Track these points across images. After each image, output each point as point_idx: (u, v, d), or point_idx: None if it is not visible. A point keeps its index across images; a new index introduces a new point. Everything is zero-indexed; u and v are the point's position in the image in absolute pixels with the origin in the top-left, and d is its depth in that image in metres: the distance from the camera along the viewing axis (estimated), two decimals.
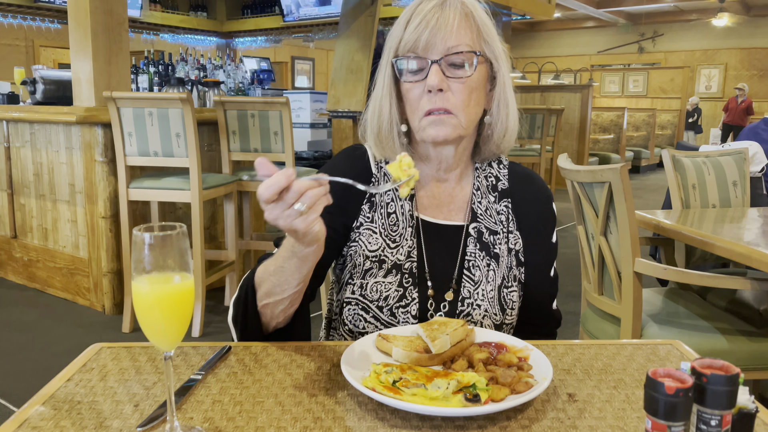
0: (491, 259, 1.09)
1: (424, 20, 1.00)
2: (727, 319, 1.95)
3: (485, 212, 1.11)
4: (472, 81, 1.02)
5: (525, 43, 17.81)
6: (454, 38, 1.00)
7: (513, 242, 1.11)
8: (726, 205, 2.56)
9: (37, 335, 3.13)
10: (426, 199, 1.12)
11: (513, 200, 1.13)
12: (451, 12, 1.01)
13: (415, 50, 1.01)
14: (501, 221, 1.11)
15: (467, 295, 1.07)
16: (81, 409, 0.77)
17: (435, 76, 0.99)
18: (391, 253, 1.07)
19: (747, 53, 14.95)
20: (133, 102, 2.95)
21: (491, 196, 1.13)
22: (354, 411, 0.77)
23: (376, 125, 1.08)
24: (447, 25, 1.00)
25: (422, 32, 1.00)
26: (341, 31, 4.87)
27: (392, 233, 1.08)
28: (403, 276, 1.06)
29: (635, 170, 11.52)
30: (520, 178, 1.16)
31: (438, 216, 1.11)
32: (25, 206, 3.86)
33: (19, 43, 9.04)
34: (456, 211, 1.12)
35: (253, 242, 3.77)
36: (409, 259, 1.07)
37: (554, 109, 6.25)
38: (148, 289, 0.69)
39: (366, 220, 1.09)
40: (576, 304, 3.77)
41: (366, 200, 1.09)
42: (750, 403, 0.62)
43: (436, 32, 0.99)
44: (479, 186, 1.13)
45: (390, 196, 1.09)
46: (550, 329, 1.21)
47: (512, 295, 1.10)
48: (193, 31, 7.81)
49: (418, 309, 1.05)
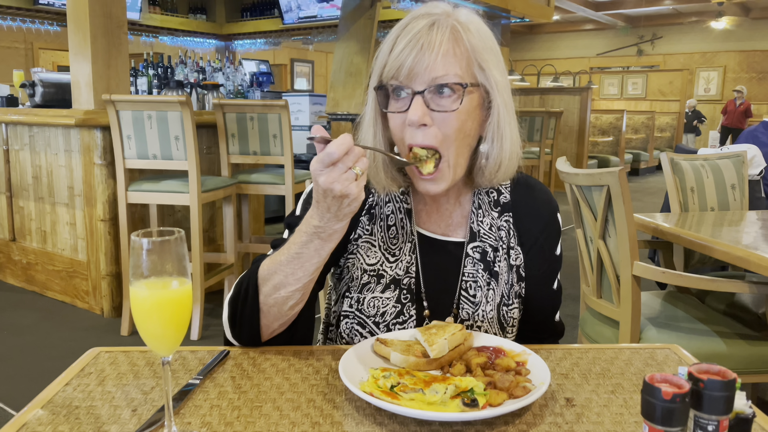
0: (491, 277, 1.05)
1: (410, 43, 0.91)
2: (726, 323, 1.95)
3: (487, 230, 1.07)
4: (461, 113, 0.93)
5: (524, 45, 17.84)
6: (441, 67, 0.91)
7: (514, 258, 1.07)
8: (724, 208, 2.56)
9: (35, 338, 3.12)
10: (425, 213, 1.08)
11: (515, 214, 1.08)
12: (439, 35, 0.91)
13: (398, 78, 0.93)
14: (501, 237, 1.06)
15: (466, 317, 1.04)
16: (79, 414, 0.77)
17: (416, 111, 0.91)
18: (390, 267, 1.04)
19: (746, 56, 14.98)
20: (132, 105, 2.95)
21: (494, 212, 1.08)
22: (352, 416, 0.77)
23: (374, 157, 1.01)
24: (432, 51, 0.90)
25: (406, 58, 0.91)
26: (340, 33, 4.88)
27: (391, 246, 1.05)
28: (401, 292, 1.03)
29: (634, 173, 11.53)
30: (524, 189, 1.10)
31: (438, 230, 1.07)
32: (23, 209, 3.86)
33: (19, 46, 9.04)
34: (455, 226, 1.08)
35: (252, 245, 3.76)
36: (407, 275, 1.04)
37: (553, 111, 6.26)
38: (146, 294, 0.69)
39: (365, 233, 1.05)
40: (575, 307, 3.77)
41: (365, 212, 1.06)
42: (747, 408, 0.62)
43: (420, 58, 0.91)
44: (480, 204, 1.08)
45: (390, 209, 1.06)
46: (551, 341, 1.17)
47: (513, 312, 1.06)
48: (192, 34, 7.81)
49: (415, 326, 1.03)
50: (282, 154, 3.44)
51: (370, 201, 1.07)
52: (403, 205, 1.06)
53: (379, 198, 1.07)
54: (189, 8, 7.73)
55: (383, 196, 1.07)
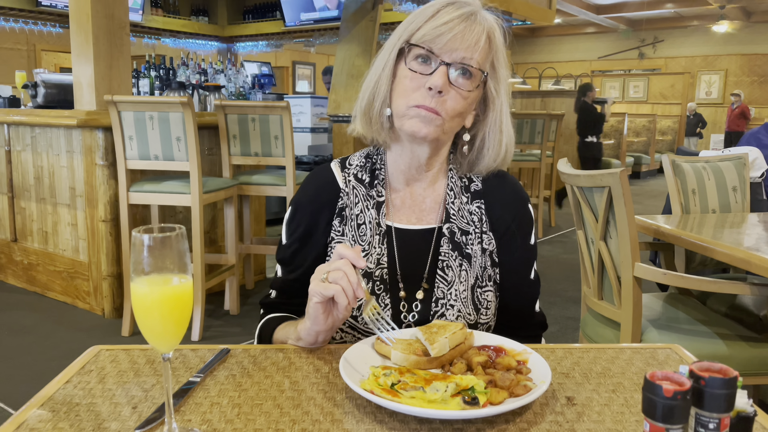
0: (463, 259, 1.09)
1: (450, 23, 1.00)
2: (727, 325, 1.95)
3: (458, 212, 1.12)
4: (470, 96, 1.04)
5: (525, 48, 17.85)
6: (473, 52, 1.01)
7: (487, 243, 1.12)
8: (726, 210, 2.56)
9: (36, 339, 3.12)
10: (398, 201, 1.14)
11: (486, 201, 1.14)
12: (479, 28, 1.02)
13: (431, 46, 1.01)
14: (473, 221, 1.12)
15: (441, 295, 1.08)
16: (79, 411, 0.77)
17: (440, 78, 1.00)
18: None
19: (747, 59, 14.97)
20: (133, 106, 2.96)
21: (464, 197, 1.14)
22: (352, 414, 0.77)
23: (368, 102, 1.09)
24: (472, 37, 1.01)
25: (445, 33, 1.00)
26: (342, 35, 4.89)
27: (361, 242, 1.09)
28: (374, 283, 1.08)
29: (636, 176, 11.52)
30: (495, 180, 1.16)
31: (410, 220, 1.13)
32: (25, 210, 3.87)
33: (21, 47, 9.06)
34: (428, 212, 1.13)
35: (253, 246, 3.77)
36: (378, 266, 1.09)
37: (555, 114, 6.24)
38: (147, 290, 0.69)
39: (337, 234, 1.11)
40: (576, 309, 3.77)
41: (336, 215, 1.12)
42: (748, 406, 0.62)
43: (458, 39, 1.00)
44: (453, 187, 1.14)
45: (359, 208, 1.11)
46: (534, 332, 1.20)
47: (487, 294, 1.11)
48: (194, 36, 7.82)
49: (391, 314, 1.07)
50: (283, 155, 3.44)
51: (341, 204, 1.12)
52: (375, 199, 1.12)
53: (349, 200, 1.12)
54: (191, 10, 7.74)
55: (353, 198, 1.12)
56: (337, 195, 1.13)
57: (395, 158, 1.13)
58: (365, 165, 1.14)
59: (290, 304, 1.15)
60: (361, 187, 1.12)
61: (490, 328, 1.14)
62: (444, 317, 1.07)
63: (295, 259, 1.13)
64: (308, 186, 1.16)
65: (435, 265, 1.09)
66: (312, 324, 0.94)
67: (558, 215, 6.98)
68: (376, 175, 1.13)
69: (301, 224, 1.13)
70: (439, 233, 1.11)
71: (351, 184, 1.13)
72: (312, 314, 0.93)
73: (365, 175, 1.13)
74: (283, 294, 1.16)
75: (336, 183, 1.14)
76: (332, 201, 1.12)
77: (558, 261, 5.04)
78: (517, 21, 6.60)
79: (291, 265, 1.14)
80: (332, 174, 1.15)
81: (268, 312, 1.16)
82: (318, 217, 1.12)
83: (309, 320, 0.94)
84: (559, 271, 4.71)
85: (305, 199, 1.14)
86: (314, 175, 1.18)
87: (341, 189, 1.13)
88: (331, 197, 1.13)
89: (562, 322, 3.54)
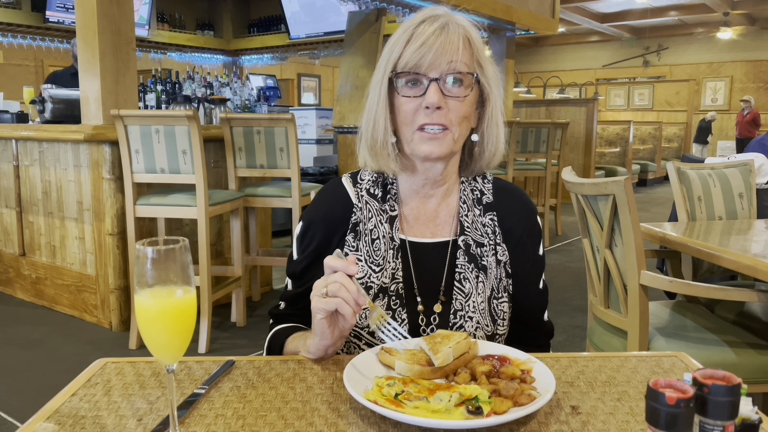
0: (479, 271, 1.10)
1: (427, 43, 1.02)
2: (735, 332, 1.94)
3: (471, 225, 1.13)
4: (468, 100, 1.06)
5: (530, 57, 17.89)
6: (456, 60, 1.03)
7: (501, 254, 1.13)
8: (732, 217, 2.55)
9: (44, 352, 3.13)
10: (411, 216, 1.14)
11: (498, 214, 1.15)
12: (455, 36, 1.03)
13: (416, 69, 1.03)
14: (488, 233, 1.13)
15: (459, 307, 1.08)
16: (85, 424, 0.77)
17: (435, 95, 1.02)
18: (377, 277, 1.08)
19: (753, 66, 14.96)
20: (140, 120, 2.98)
21: (476, 209, 1.15)
22: (356, 424, 0.77)
23: (371, 137, 1.09)
24: (451, 47, 1.02)
25: (425, 54, 1.01)
26: (346, 48, 4.92)
27: (375, 257, 1.09)
28: (390, 298, 1.08)
29: (642, 183, 11.48)
30: (505, 192, 1.18)
31: (424, 234, 1.13)
32: (33, 224, 3.89)
33: (29, 63, 9.15)
34: (442, 226, 1.14)
35: (259, 258, 3.77)
36: (394, 281, 1.09)
37: (559, 123, 6.24)
38: (151, 302, 0.70)
39: (351, 250, 1.11)
40: (582, 317, 3.75)
41: (350, 230, 1.12)
42: (753, 413, 0.61)
43: (439, 54, 1.02)
44: (465, 199, 1.15)
45: (373, 223, 1.11)
46: (543, 341, 1.21)
47: (503, 305, 1.11)
48: (200, 50, 7.89)
49: (409, 329, 1.07)
50: (289, 167, 3.46)
51: (354, 219, 1.12)
52: (388, 213, 1.12)
53: (363, 215, 1.12)
54: (197, 25, 7.82)
55: (366, 213, 1.12)
56: (351, 210, 1.13)
57: (408, 178, 1.13)
58: (377, 180, 1.15)
59: (300, 314, 1.15)
60: (374, 202, 1.13)
61: (505, 339, 1.14)
62: (463, 329, 1.07)
63: (306, 274, 1.14)
64: (320, 202, 1.17)
65: (452, 278, 1.10)
66: (320, 339, 0.94)
67: (563, 224, 6.96)
68: (388, 189, 1.14)
69: (313, 240, 1.13)
70: (454, 246, 1.12)
71: (364, 199, 1.13)
72: (318, 330, 0.94)
73: (377, 190, 1.14)
74: (293, 305, 1.16)
75: (349, 198, 1.14)
76: (346, 216, 1.13)
77: (564, 269, 5.02)
78: (520, 30, 6.63)
79: (301, 279, 1.15)
80: (344, 189, 1.15)
81: (277, 322, 1.17)
82: (331, 232, 1.13)
83: (317, 336, 0.94)
84: (566, 279, 4.69)
85: (318, 215, 1.15)
86: (326, 190, 1.18)
87: (354, 204, 1.13)
88: (344, 213, 1.13)
89: (569, 331, 3.52)
